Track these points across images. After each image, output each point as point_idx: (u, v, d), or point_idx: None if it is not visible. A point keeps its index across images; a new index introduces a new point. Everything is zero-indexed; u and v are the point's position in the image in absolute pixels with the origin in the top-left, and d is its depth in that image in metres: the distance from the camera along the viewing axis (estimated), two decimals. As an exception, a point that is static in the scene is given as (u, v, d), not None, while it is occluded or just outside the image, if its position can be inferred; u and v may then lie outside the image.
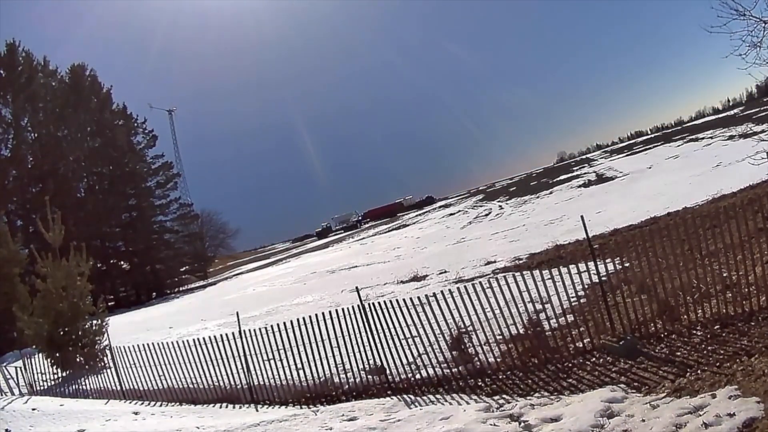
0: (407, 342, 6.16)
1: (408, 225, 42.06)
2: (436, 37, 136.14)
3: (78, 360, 9.72)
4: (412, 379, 5.92)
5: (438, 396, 5.41)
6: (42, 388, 9.39)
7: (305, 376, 6.50)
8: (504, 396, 4.98)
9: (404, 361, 6.09)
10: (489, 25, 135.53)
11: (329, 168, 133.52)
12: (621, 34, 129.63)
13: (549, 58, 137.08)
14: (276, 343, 6.76)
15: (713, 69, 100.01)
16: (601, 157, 51.86)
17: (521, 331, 5.80)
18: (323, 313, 6.66)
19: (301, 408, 5.89)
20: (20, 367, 9.93)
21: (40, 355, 10.00)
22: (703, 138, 35.49)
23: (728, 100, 70.84)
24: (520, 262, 12.09)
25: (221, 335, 7.19)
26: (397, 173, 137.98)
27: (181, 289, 41.50)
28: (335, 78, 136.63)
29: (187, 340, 7.66)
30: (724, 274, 5.30)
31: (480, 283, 6.16)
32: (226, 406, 6.66)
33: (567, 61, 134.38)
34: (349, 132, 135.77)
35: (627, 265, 6.28)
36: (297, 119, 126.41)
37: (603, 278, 5.68)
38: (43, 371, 9.64)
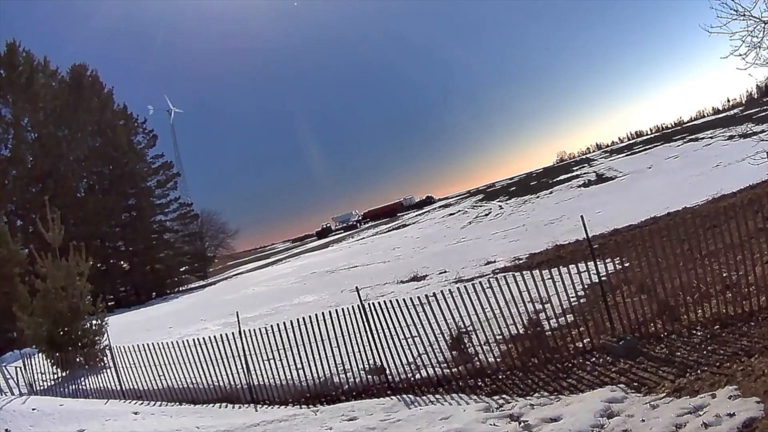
0: (407, 342, 6.16)
1: (408, 225, 42.09)
2: (437, 35, 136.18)
3: (78, 360, 9.72)
4: (412, 379, 5.92)
5: (438, 396, 5.40)
6: (42, 388, 9.38)
7: (305, 376, 6.50)
8: (504, 396, 4.97)
9: (404, 361, 6.09)
10: (490, 24, 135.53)
11: (329, 168, 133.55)
12: (621, 34, 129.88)
13: (550, 57, 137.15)
14: (276, 343, 6.76)
15: (713, 69, 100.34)
16: (601, 157, 51.86)
17: (521, 331, 5.80)
18: (323, 313, 6.66)
19: (301, 408, 5.89)
20: (20, 367, 9.93)
21: (40, 355, 10.01)
22: (703, 138, 35.50)
23: (728, 100, 70.93)
24: (520, 262, 12.09)
25: (221, 335, 7.19)
26: (397, 173, 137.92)
27: (180, 288, 41.53)
28: (336, 78, 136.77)
29: (187, 340, 7.66)
30: (724, 274, 5.30)
31: (480, 283, 6.16)
32: (226, 406, 6.66)
33: (567, 60, 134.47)
34: (349, 132, 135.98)
35: (627, 265, 6.28)
36: (297, 119, 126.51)
37: (603, 278, 5.68)
38: (43, 371, 9.64)
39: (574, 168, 45.55)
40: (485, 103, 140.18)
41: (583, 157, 67.69)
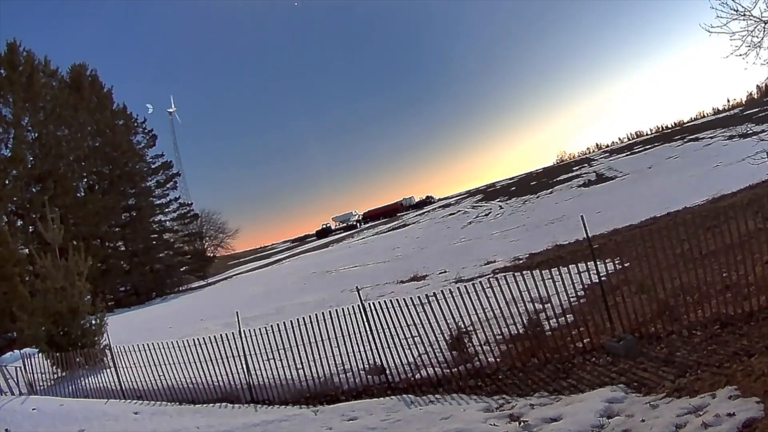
0: (407, 342, 6.17)
1: (408, 225, 42.12)
2: (435, 33, 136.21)
3: (78, 360, 9.72)
4: (412, 379, 5.92)
5: (438, 396, 5.40)
6: (42, 388, 9.38)
7: (305, 376, 6.50)
8: (504, 396, 4.97)
9: (404, 361, 6.09)
10: (490, 22, 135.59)
11: (330, 167, 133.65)
12: (621, 34, 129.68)
13: (548, 56, 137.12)
14: (276, 343, 6.76)
15: (713, 69, 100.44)
16: (601, 157, 51.81)
17: (521, 331, 5.80)
18: (323, 313, 6.66)
19: (301, 408, 5.89)
20: (20, 367, 9.92)
21: (40, 355, 10.00)
22: (703, 138, 35.47)
23: (728, 100, 70.83)
24: (520, 262, 12.10)
25: (221, 335, 7.19)
26: (397, 173, 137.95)
27: (180, 288, 41.48)
28: (336, 77, 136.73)
29: (187, 340, 7.66)
30: (724, 274, 5.30)
31: (480, 283, 6.16)
32: (226, 406, 6.65)
33: (566, 60, 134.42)
34: (349, 131, 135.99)
35: (627, 265, 6.28)
36: (298, 118, 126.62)
37: (603, 278, 5.68)
38: (43, 371, 9.63)
39: (574, 168, 45.50)
40: (485, 102, 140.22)
41: (583, 157, 67.57)
